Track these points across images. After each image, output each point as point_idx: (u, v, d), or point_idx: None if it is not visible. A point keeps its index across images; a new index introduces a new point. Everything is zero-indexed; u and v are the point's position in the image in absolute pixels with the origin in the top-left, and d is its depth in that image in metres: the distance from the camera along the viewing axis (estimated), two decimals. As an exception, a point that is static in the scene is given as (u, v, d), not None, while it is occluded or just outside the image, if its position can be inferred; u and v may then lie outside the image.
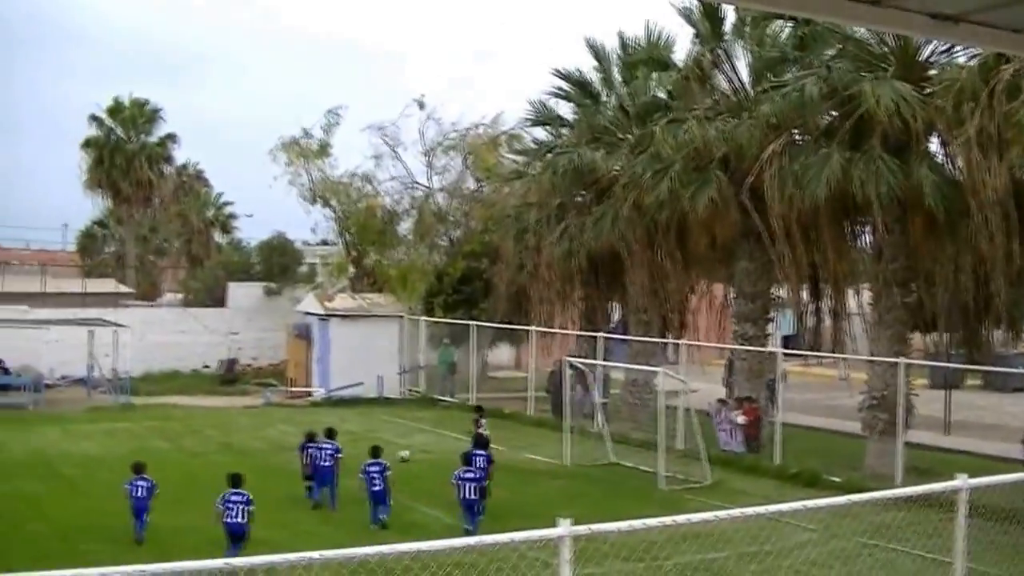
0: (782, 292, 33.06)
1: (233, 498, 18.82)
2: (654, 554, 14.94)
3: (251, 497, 18.90)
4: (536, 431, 34.90)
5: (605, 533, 8.93)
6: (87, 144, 72.30)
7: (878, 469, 26.73)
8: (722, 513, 10.13)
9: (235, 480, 19.34)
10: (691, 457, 26.83)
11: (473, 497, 21.10)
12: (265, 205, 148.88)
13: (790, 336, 39.51)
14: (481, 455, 22.50)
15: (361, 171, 51.83)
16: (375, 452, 22.52)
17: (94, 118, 72.09)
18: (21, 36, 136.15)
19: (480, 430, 26.25)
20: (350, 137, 79.96)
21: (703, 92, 32.32)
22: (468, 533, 19.60)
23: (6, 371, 42.11)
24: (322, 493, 23.34)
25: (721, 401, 32.09)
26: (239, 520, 18.68)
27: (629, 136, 35.63)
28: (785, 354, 32.46)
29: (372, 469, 21.90)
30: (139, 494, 20.18)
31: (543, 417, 36.81)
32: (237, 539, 18.51)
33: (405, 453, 28.47)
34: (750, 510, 10.39)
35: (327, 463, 23.15)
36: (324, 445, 23.53)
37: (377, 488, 21.70)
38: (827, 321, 31.26)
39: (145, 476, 20.56)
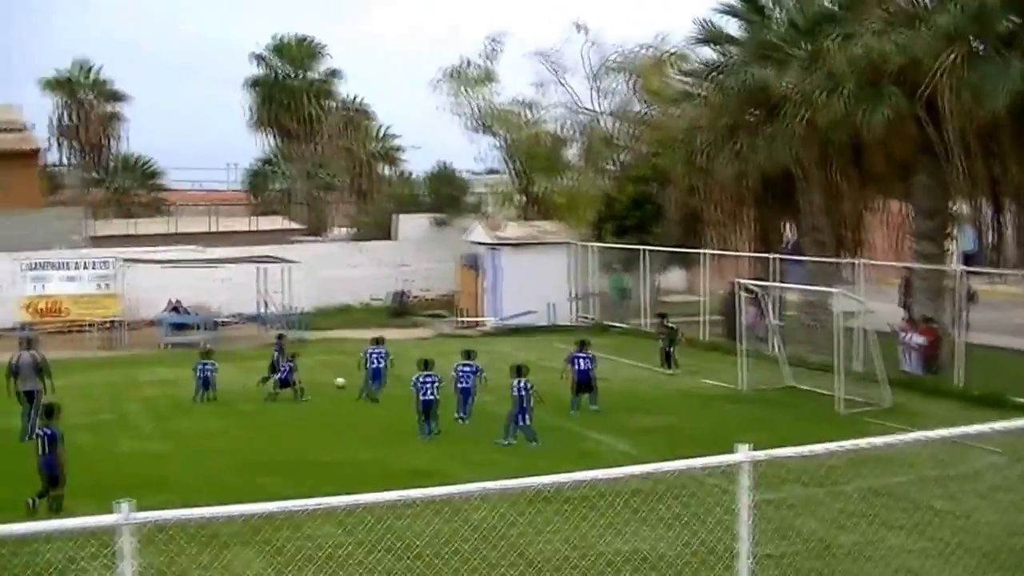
0: (963, 208, 32.09)
1: (425, 379, 23.17)
2: (834, 479, 14.82)
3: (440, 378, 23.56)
4: (711, 355, 34.82)
5: (784, 458, 8.91)
6: (252, 84, 73.51)
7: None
8: (905, 436, 9.99)
9: (426, 364, 23.72)
10: (870, 380, 26.33)
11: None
12: (430, 136, 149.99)
13: (971, 254, 38.36)
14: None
15: (525, 99, 51.72)
16: (469, 354, 25.40)
17: (258, 57, 73.41)
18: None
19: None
20: (513, 64, 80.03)
21: (876, 3, 31.29)
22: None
23: (181, 311, 43.30)
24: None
25: (906, 321, 31.41)
26: (430, 397, 23.05)
27: (800, 51, 34.68)
28: (967, 272, 31.51)
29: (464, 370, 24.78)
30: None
31: (717, 341, 36.66)
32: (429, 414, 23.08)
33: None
34: (933, 433, 10.20)
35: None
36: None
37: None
38: (1010, 237, 30.23)
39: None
